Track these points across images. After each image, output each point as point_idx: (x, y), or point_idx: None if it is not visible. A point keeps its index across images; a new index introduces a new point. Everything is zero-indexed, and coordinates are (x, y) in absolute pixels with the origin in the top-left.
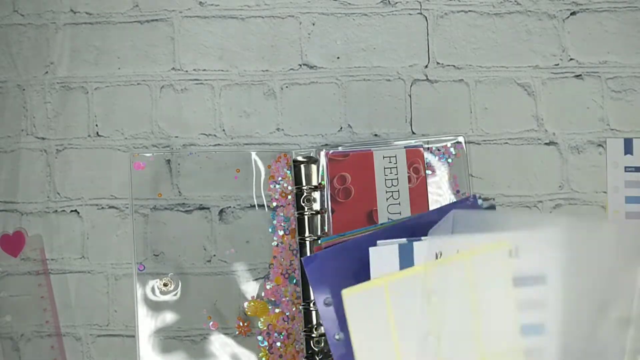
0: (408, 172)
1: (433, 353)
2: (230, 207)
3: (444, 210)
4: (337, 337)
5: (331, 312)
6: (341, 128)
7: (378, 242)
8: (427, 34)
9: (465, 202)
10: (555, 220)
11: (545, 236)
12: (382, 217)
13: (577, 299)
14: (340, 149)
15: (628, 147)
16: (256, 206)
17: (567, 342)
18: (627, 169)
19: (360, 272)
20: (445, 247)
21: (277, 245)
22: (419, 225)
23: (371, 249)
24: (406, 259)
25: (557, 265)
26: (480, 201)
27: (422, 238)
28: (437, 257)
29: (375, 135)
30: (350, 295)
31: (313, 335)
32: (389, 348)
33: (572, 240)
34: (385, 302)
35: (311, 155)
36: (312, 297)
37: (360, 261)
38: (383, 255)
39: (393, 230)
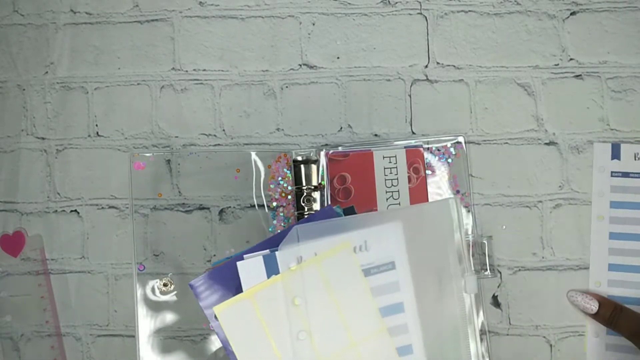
0: (408, 172)
1: (307, 347)
2: (230, 207)
3: (302, 222)
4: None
5: (218, 323)
6: (341, 128)
7: (244, 256)
8: (427, 34)
9: (324, 211)
10: (394, 214)
11: (388, 229)
12: None
13: (421, 275)
14: (340, 149)
15: (615, 152)
16: (256, 206)
17: (421, 313)
18: (614, 173)
19: (240, 287)
20: (302, 253)
21: None
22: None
23: (239, 263)
24: (272, 268)
25: (402, 250)
26: (337, 209)
27: (280, 247)
28: (298, 262)
29: (375, 135)
30: (222, 310)
31: None
32: (268, 351)
33: (408, 227)
34: (255, 311)
35: (311, 155)
36: None
37: (238, 278)
38: (250, 267)
39: (264, 245)
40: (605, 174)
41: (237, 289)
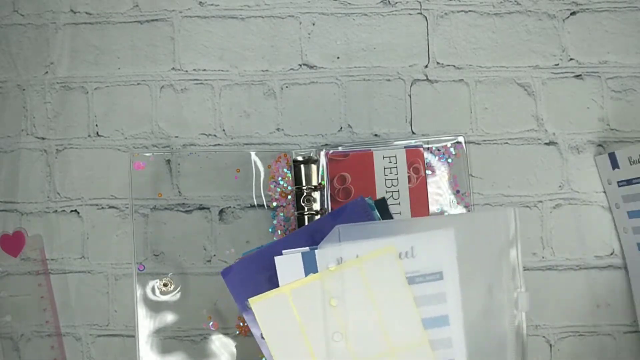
0: (408, 172)
1: (341, 349)
2: (230, 207)
3: (335, 214)
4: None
5: (252, 315)
6: (341, 128)
7: (283, 251)
8: (427, 34)
9: (355, 202)
10: (446, 221)
11: (439, 236)
12: None
13: (470, 287)
14: (340, 149)
15: (614, 162)
16: (256, 206)
17: (467, 328)
18: (620, 183)
19: (273, 278)
20: (343, 254)
21: None
22: (318, 231)
23: (276, 258)
24: (310, 266)
25: (452, 260)
26: (369, 200)
27: (321, 245)
28: (338, 263)
29: (375, 135)
30: (257, 303)
31: None
32: (302, 348)
33: (460, 236)
34: (291, 307)
35: (311, 155)
36: None
37: (272, 269)
38: (288, 263)
39: (296, 237)
40: (613, 186)
41: (270, 280)
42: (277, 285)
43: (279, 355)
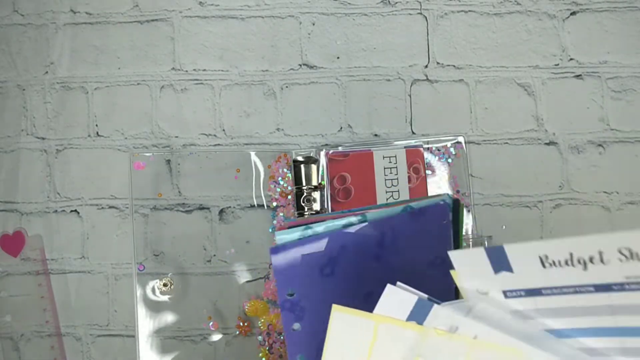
0: (408, 172)
1: None
2: (230, 207)
3: (414, 215)
4: (294, 327)
5: (291, 303)
6: (341, 128)
7: (398, 284)
8: (427, 34)
9: (437, 208)
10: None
11: None
12: None
13: None
14: (340, 149)
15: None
16: (256, 206)
17: None
18: (509, 294)
19: (327, 267)
20: (465, 325)
21: None
22: (392, 229)
23: (389, 287)
24: (418, 315)
25: None
26: (448, 198)
27: (443, 304)
28: (451, 330)
29: (375, 135)
30: (339, 313)
31: None
32: None
33: None
34: (370, 339)
35: (311, 155)
36: None
37: (329, 256)
38: (396, 298)
39: (369, 227)
40: (493, 295)
41: (322, 269)
42: (329, 275)
43: None
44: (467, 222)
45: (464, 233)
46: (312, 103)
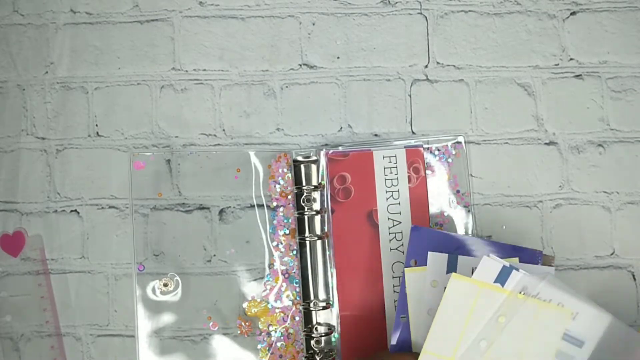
0: (408, 172)
1: (480, 353)
2: (230, 207)
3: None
4: (402, 317)
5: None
6: (341, 128)
7: (491, 254)
8: (427, 34)
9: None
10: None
11: (599, 316)
12: (382, 217)
13: None
14: (340, 149)
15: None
16: (256, 206)
17: None
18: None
19: (450, 257)
20: (531, 287)
21: (277, 245)
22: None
23: (485, 258)
24: (502, 278)
25: (595, 340)
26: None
27: (520, 270)
28: (523, 292)
29: (375, 135)
30: (457, 281)
31: (313, 335)
32: (452, 341)
33: (611, 332)
34: (473, 299)
35: (311, 155)
36: (312, 297)
37: (456, 251)
38: (489, 267)
39: (497, 246)
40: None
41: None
42: (451, 262)
43: (434, 332)
44: (467, 222)
45: (464, 233)
46: (312, 103)
